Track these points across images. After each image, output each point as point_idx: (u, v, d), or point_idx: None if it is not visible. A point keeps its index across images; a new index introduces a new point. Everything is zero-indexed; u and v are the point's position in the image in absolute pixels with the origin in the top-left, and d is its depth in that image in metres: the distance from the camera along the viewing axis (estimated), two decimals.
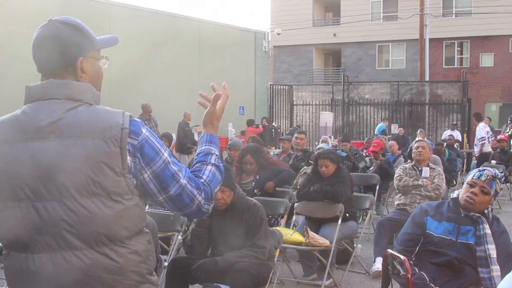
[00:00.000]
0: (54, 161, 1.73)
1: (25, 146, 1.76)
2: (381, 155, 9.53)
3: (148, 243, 1.89)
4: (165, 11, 18.27)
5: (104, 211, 1.74)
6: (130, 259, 1.80)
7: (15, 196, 1.76)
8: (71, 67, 1.85)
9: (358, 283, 5.71)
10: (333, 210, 5.55)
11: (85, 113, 1.79)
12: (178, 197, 1.83)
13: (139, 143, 1.78)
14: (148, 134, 1.81)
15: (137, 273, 1.83)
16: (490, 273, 3.22)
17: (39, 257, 1.75)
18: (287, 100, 21.85)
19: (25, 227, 1.75)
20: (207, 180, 1.90)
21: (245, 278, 3.95)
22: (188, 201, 1.84)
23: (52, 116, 1.77)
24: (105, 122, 1.77)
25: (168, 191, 1.82)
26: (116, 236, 1.77)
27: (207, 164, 1.94)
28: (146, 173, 1.79)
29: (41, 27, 1.87)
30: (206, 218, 4.30)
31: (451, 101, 19.77)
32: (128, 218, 1.79)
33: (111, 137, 1.74)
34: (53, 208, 1.73)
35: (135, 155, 1.78)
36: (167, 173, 1.81)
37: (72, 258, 1.74)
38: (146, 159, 1.79)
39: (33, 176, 1.74)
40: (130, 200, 1.79)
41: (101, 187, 1.74)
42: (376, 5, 29.62)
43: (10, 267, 1.84)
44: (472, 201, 3.35)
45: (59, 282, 1.75)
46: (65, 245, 1.74)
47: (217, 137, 2.06)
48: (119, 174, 1.75)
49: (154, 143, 1.81)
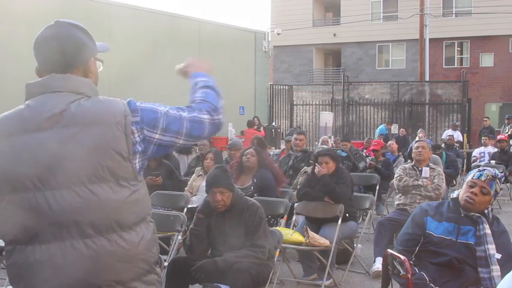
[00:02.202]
0: (61, 149, 1.76)
1: (31, 136, 1.79)
2: (381, 155, 9.55)
3: (153, 233, 1.93)
4: (165, 11, 18.27)
5: (112, 196, 1.78)
6: (139, 245, 1.84)
7: (23, 187, 1.77)
8: (83, 67, 1.93)
9: (358, 283, 5.71)
10: (333, 210, 5.55)
11: (88, 102, 1.85)
12: (190, 129, 1.94)
13: (140, 116, 1.87)
14: (143, 105, 1.91)
15: (145, 262, 1.86)
16: (490, 273, 3.22)
17: (47, 247, 1.76)
18: (287, 100, 21.85)
19: (34, 218, 1.76)
20: (200, 98, 2.01)
21: (245, 278, 3.95)
22: (199, 125, 1.95)
23: (56, 108, 1.81)
24: (109, 109, 1.83)
25: (181, 131, 1.92)
26: (125, 222, 1.81)
27: (195, 92, 2.06)
28: (157, 133, 1.89)
29: (48, 27, 1.91)
30: (203, 216, 4.30)
31: (451, 101, 19.77)
32: (135, 204, 1.84)
33: (117, 123, 1.81)
34: (61, 196, 1.76)
35: (142, 128, 1.86)
36: (171, 120, 1.91)
37: (81, 246, 1.76)
38: (152, 122, 1.88)
39: (41, 166, 1.76)
40: (135, 185, 1.85)
41: (109, 172, 1.78)
42: (376, 5, 29.60)
43: (14, 263, 1.82)
44: (472, 201, 3.35)
45: (68, 271, 1.75)
46: (75, 232, 1.76)
47: (202, 72, 2.16)
48: (126, 159, 1.82)
49: (149, 106, 1.92)
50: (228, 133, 17.22)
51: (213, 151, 7.11)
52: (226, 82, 19.13)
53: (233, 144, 7.74)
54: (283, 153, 8.75)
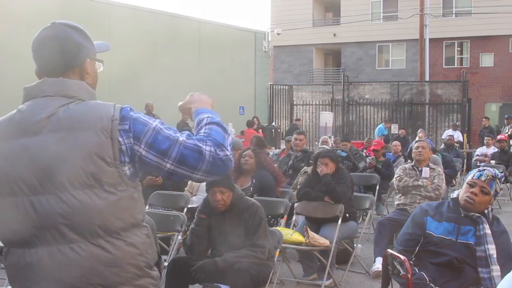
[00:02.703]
0: (47, 154, 1.76)
1: (18, 141, 1.79)
2: (381, 155, 9.55)
3: (147, 236, 1.89)
4: (165, 11, 18.27)
5: (97, 202, 1.76)
6: (127, 251, 1.81)
7: (12, 192, 1.78)
8: (78, 68, 1.90)
9: (358, 283, 5.71)
10: (333, 210, 5.55)
11: (77, 107, 1.82)
12: (184, 156, 1.77)
13: (129, 125, 1.79)
14: (134, 113, 1.82)
15: (135, 266, 1.83)
16: (490, 273, 3.22)
17: (36, 251, 1.77)
18: (287, 100, 21.85)
19: (22, 222, 1.77)
20: (205, 133, 1.84)
21: (245, 278, 3.95)
22: (197, 155, 1.77)
23: (45, 112, 1.80)
24: (96, 114, 1.79)
25: (169, 153, 1.77)
26: (110, 228, 1.78)
27: (200, 128, 1.89)
28: (141, 147, 1.78)
29: (44, 29, 1.90)
30: (205, 216, 4.31)
31: (451, 101, 19.76)
32: (123, 209, 1.80)
33: (102, 128, 1.76)
34: (47, 202, 1.75)
35: (129, 137, 1.78)
36: (160, 138, 1.79)
37: (68, 251, 1.75)
38: (137, 134, 1.78)
39: (28, 171, 1.76)
40: (124, 191, 1.80)
41: (93, 178, 1.75)
42: (376, 5, 29.60)
43: (10, 264, 1.86)
44: (472, 201, 3.34)
45: (56, 276, 1.76)
46: (60, 238, 1.76)
47: (206, 108, 1.99)
48: (111, 164, 1.77)
49: (141, 117, 1.82)
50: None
51: None
52: (226, 82, 19.22)
53: (233, 145, 7.72)
54: (283, 153, 8.75)
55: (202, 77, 17.31)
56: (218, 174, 1.83)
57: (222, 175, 1.89)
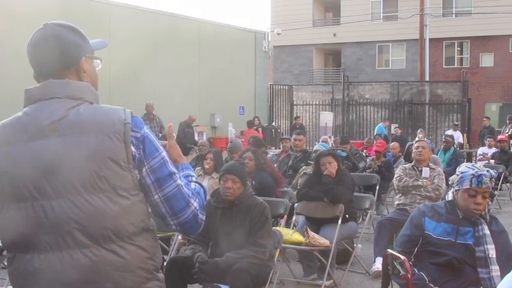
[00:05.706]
0: (58, 158, 1.73)
1: (28, 145, 1.76)
2: (382, 156, 9.54)
3: (155, 240, 1.89)
4: (165, 11, 18.25)
5: (111, 207, 1.74)
6: (138, 255, 1.80)
7: (20, 196, 1.75)
8: (74, 67, 1.87)
9: (358, 283, 5.71)
10: (333, 211, 5.55)
11: (87, 110, 1.80)
12: (174, 198, 1.83)
13: (142, 136, 1.80)
14: (148, 131, 1.84)
15: (145, 270, 1.83)
16: (490, 274, 3.22)
17: (46, 256, 1.74)
18: (287, 100, 21.85)
19: (31, 227, 1.74)
20: (196, 191, 1.91)
21: (245, 278, 3.95)
22: (184, 204, 1.84)
23: (54, 115, 1.78)
24: (108, 118, 1.78)
25: (164, 188, 1.82)
26: (123, 232, 1.77)
27: (190, 181, 1.94)
28: (145, 167, 1.80)
29: (37, 31, 1.87)
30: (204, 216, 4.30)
31: (451, 101, 19.77)
32: (135, 214, 1.80)
33: (115, 132, 1.76)
34: (59, 206, 1.73)
35: (139, 147, 1.79)
36: (164, 170, 1.82)
37: (80, 256, 1.73)
38: (146, 152, 1.80)
39: (38, 175, 1.74)
40: (136, 195, 1.80)
41: (107, 182, 1.74)
42: (376, 5, 29.60)
43: (16, 270, 1.81)
44: (480, 211, 3.35)
45: (67, 281, 1.74)
46: (72, 243, 1.73)
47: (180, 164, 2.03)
48: (125, 168, 1.77)
49: (154, 141, 1.84)
50: (228, 133, 17.23)
51: (213, 151, 7.10)
52: (226, 82, 19.21)
53: (234, 147, 7.69)
54: (283, 153, 8.74)
55: (202, 77, 17.31)
56: (188, 231, 1.92)
57: (190, 233, 1.99)
